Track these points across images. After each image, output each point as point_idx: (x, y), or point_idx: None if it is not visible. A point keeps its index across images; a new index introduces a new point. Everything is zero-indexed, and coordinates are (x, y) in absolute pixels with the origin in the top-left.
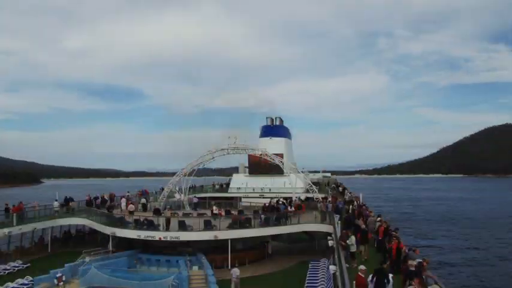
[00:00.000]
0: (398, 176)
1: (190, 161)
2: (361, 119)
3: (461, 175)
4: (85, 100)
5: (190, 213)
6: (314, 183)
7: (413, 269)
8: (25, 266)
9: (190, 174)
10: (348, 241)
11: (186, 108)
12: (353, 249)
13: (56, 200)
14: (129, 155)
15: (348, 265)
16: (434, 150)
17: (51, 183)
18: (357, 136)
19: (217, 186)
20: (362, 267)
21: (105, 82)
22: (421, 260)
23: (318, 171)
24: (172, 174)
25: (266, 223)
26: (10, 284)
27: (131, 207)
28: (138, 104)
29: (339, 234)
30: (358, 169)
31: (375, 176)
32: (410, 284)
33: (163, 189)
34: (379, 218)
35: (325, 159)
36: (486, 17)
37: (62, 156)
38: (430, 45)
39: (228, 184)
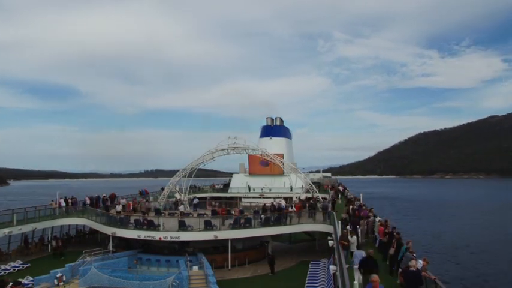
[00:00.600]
0: (339, 177)
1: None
2: (304, 122)
3: (394, 176)
4: (16, 98)
5: (190, 213)
6: (314, 183)
7: (414, 269)
8: (25, 266)
9: (190, 175)
10: (349, 239)
11: (126, 108)
12: (353, 248)
13: (61, 199)
14: (72, 156)
15: (348, 265)
16: (373, 154)
17: (20, 184)
18: (301, 138)
19: (220, 186)
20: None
21: (37, 79)
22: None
23: (318, 171)
24: (129, 175)
25: (266, 223)
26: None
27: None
28: (75, 103)
29: (339, 234)
30: (302, 171)
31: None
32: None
33: (163, 189)
34: (378, 218)
35: None
36: (420, 23)
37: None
38: (367, 49)
39: (228, 184)
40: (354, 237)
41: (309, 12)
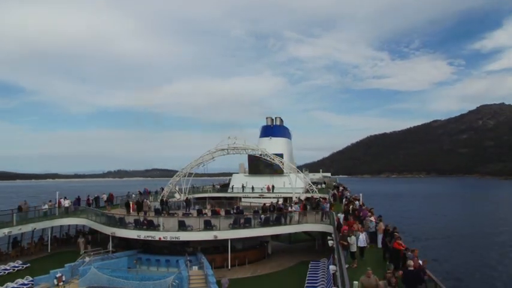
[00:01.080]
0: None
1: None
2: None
3: (346, 176)
4: None
5: (190, 213)
6: (314, 183)
7: (411, 268)
8: (25, 266)
9: (189, 175)
10: (349, 240)
11: (74, 107)
12: (353, 249)
13: (65, 198)
14: (26, 157)
15: (348, 265)
16: (327, 154)
17: None
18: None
19: (217, 187)
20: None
21: None
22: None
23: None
24: (93, 176)
25: (266, 223)
26: (10, 284)
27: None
28: (19, 100)
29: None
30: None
31: None
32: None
33: (163, 189)
34: (372, 217)
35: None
36: (370, 25)
37: None
38: (319, 49)
39: (228, 184)
40: (353, 237)
41: (259, 11)
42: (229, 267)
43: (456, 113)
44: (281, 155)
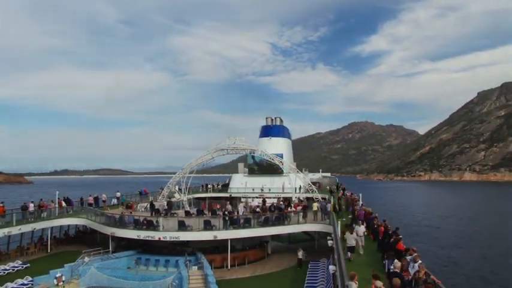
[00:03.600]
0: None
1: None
2: (145, 120)
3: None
4: None
5: (192, 213)
6: (313, 184)
7: (397, 271)
8: (24, 266)
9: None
10: (345, 236)
11: None
12: (350, 242)
13: (66, 198)
14: None
15: (345, 257)
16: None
17: None
18: (138, 138)
19: (219, 187)
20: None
21: None
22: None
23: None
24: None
25: (266, 223)
26: (10, 284)
27: None
28: None
29: (338, 234)
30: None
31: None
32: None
33: (163, 189)
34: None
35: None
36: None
37: None
38: (198, 41)
39: (228, 184)
40: (348, 233)
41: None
42: (229, 267)
43: (334, 127)
44: (281, 155)
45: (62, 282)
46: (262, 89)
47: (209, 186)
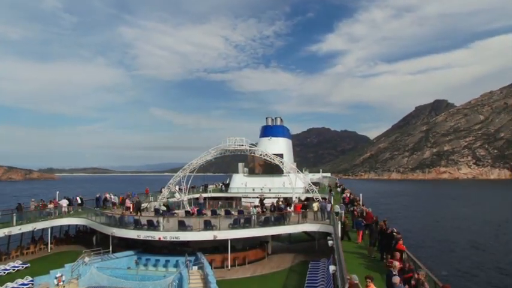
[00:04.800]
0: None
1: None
2: (97, 117)
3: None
4: None
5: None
6: (314, 184)
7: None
8: (25, 266)
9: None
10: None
11: None
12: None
13: (65, 198)
14: None
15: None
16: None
17: None
18: (92, 135)
19: (222, 187)
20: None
21: None
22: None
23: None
24: None
25: (266, 223)
26: (10, 284)
27: None
28: None
29: (339, 234)
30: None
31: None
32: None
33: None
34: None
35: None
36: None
37: None
38: (147, 33)
39: (228, 184)
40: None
41: None
42: (229, 267)
43: (292, 130)
44: (281, 155)
45: (62, 282)
46: (216, 86)
47: (209, 186)
